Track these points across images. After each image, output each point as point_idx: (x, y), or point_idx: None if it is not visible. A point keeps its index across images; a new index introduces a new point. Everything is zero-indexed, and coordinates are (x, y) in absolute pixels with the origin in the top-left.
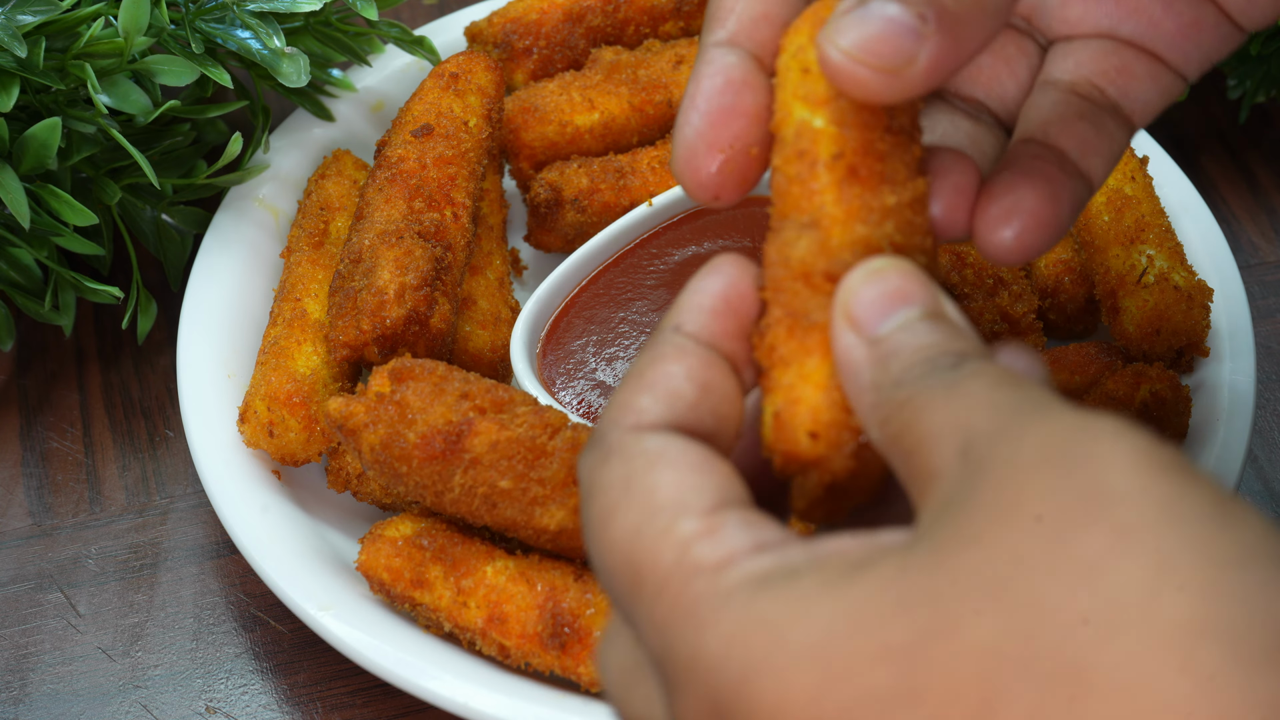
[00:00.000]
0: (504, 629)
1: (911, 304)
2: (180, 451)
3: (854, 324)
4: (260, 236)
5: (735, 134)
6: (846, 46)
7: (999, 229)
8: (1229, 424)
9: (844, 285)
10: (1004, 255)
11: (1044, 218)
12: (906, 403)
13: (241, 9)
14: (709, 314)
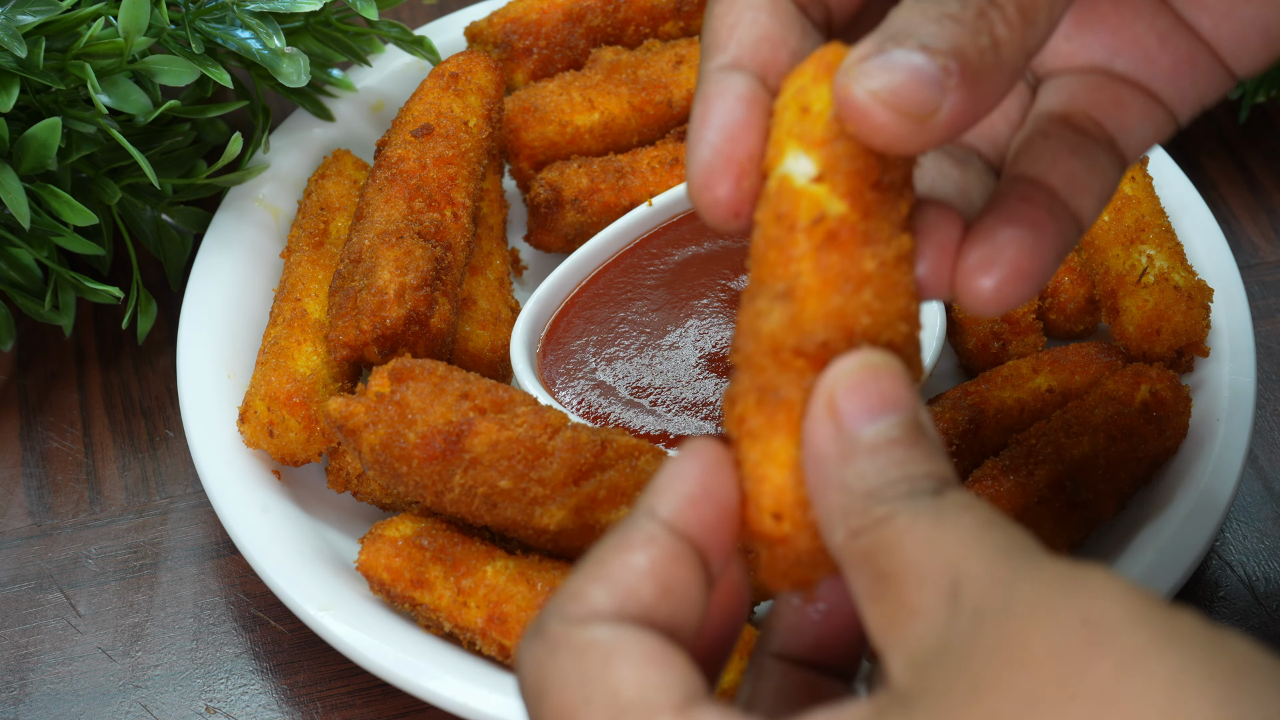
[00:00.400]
0: (504, 629)
1: (896, 412)
2: (180, 451)
3: (835, 417)
4: (260, 236)
5: (750, 151)
6: (875, 88)
7: (977, 278)
8: (1229, 424)
9: (832, 373)
10: (981, 306)
11: (1025, 268)
12: (885, 522)
13: (241, 9)
14: (685, 500)
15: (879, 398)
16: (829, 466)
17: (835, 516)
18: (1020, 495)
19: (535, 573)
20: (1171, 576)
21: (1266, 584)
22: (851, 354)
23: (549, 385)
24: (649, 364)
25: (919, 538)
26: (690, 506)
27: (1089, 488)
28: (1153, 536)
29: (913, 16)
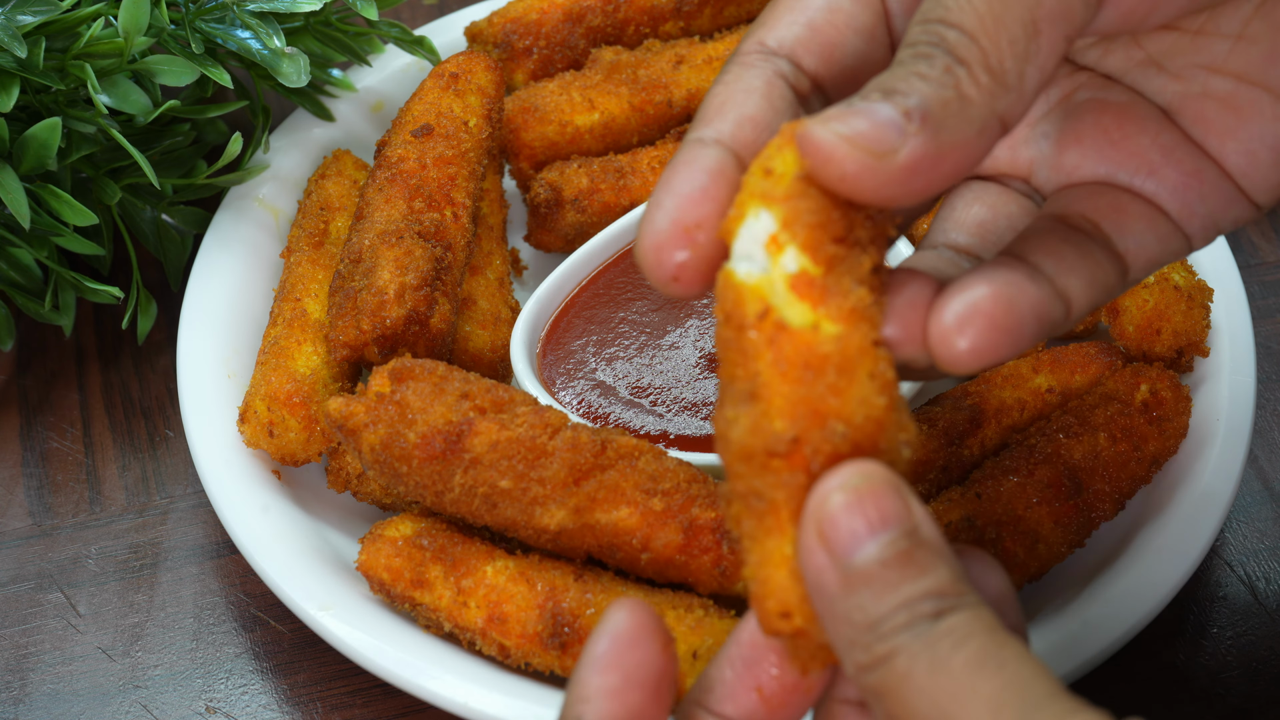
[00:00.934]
0: (504, 629)
1: (887, 529)
2: (180, 451)
3: (827, 544)
4: (260, 236)
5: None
6: (834, 127)
7: (954, 335)
8: (1229, 424)
9: (817, 496)
10: (956, 362)
11: (1001, 322)
12: (887, 660)
13: (241, 9)
14: (609, 697)
15: (866, 520)
16: (829, 598)
17: (844, 649)
18: (1020, 495)
19: (535, 573)
20: (1171, 576)
21: (1266, 584)
22: (834, 473)
23: (549, 385)
24: (649, 364)
25: (917, 686)
26: (615, 701)
27: (1089, 488)
28: (1153, 536)
29: (883, 79)
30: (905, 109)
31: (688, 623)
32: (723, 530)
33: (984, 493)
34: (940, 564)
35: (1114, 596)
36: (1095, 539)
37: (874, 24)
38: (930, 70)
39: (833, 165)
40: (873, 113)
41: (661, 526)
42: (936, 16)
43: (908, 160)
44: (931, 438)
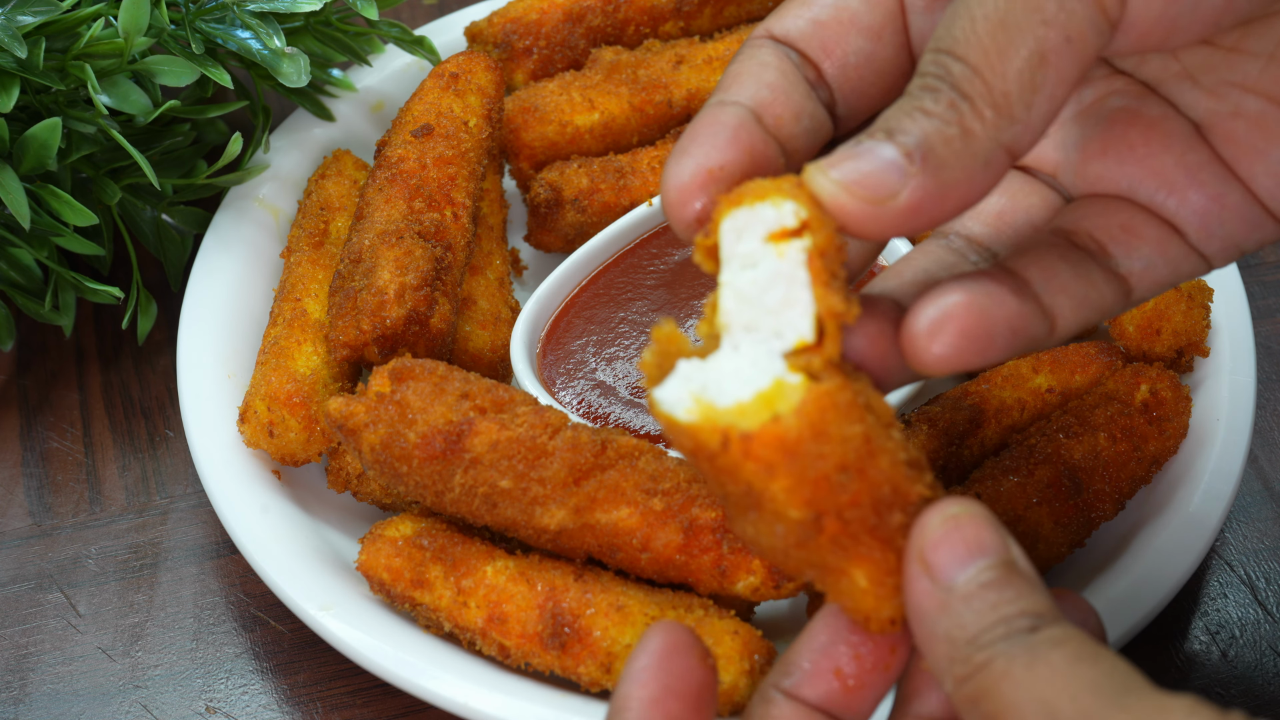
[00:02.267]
0: (504, 629)
1: (985, 555)
2: (180, 451)
3: (929, 570)
4: (260, 236)
5: (725, 162)
6: (836, 176)
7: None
8: (1229, 424)
9: (920, 529)
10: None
11: (972, 330)
12: (985, 666)
13: (242, 9)
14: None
15: (965, 546)
16: (930, 620)
17: (943, 667)
18: (1020, 495)
19: (535, 573)
20: (1171, 576)
21: (1266, 584)
22: (934, 508)
23: (549, 385)
24: None
25: (1015, 680)
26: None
27: (1089, 488)
28: (1153, 536)
29: (890, 113)
30: (907, 150)
31: (688, 623)
32: (723, 530)
33: (984, 493)
34: (1035, 591)
35: (1114, 596)
36: (1095, 539)
37: (883, 23)
38: (934, 106)
39: (837, 212)
40: (874, 154)
41: (661, 526)
42: (945, 46)
43: (909, 202)
44: (931, 438)
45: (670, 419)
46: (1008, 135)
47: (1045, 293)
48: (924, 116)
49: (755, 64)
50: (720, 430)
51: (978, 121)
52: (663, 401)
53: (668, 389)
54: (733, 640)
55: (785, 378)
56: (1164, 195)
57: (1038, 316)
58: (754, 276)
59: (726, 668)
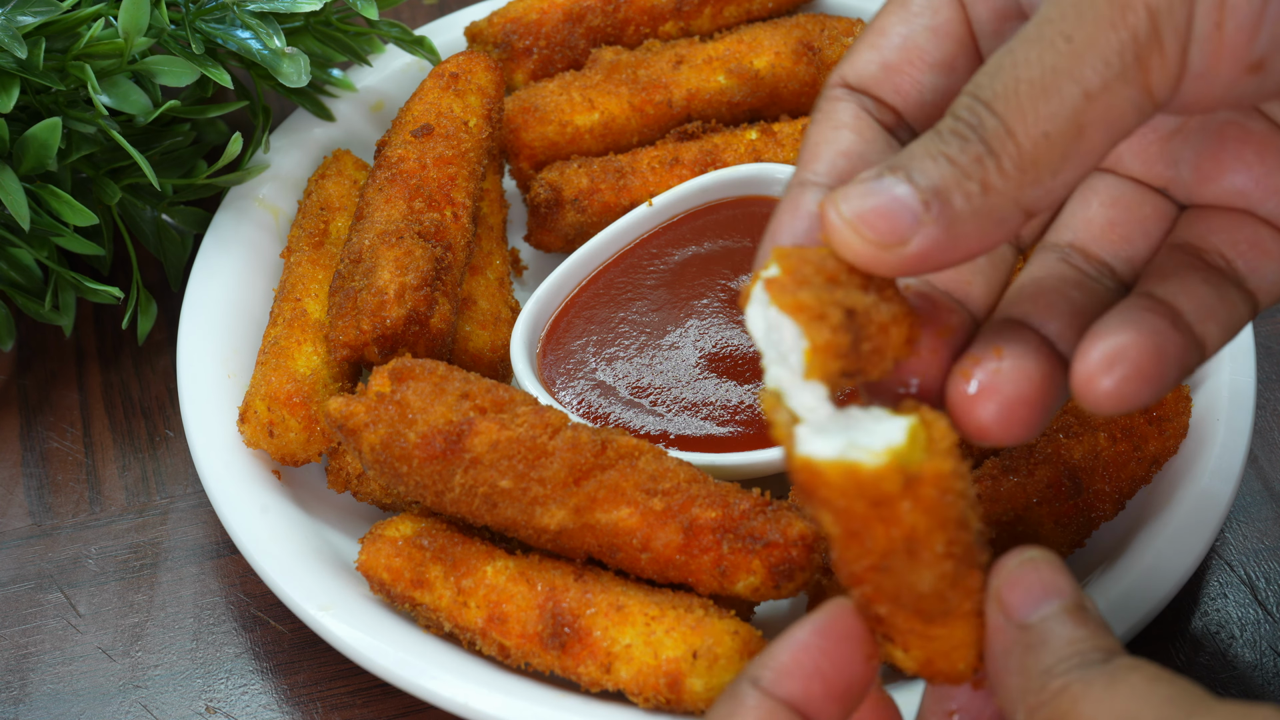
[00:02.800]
0: (504, 629)
1: (1059, 596)
2: (180, 451)
3: (1005, 608)
4: (260, 236)
5: None
6: (846, 213)
7: (1099, 377)
8: (1229, 424)
9: (998, 571)
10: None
11: (1147, 370)
12: (1062, 692)
13: (242, 9)
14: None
15: (1040, 586)
16: (1004, 654)
17: (1015, 698)
18: (1020, 495)
19: (535, 573)
20: (1171, 576)
21: (1266, 584)
22: (1011, 553)
23: (549, 385)
24: (649, 364)
25: (1093, 699)
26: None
27: (1089, 488)
28: (1153, 536)
29: (916, 149)
30: (924, 197)
31: (688, 623)
32: (723, 530)
33: (984, 493)
34: (1105, 632)
35: (1114, 597)
36: (1095, 539)
37: (954, 55)
38: (960, 155)
39: (844, 250)
40: (890, 195)
41: (661, 526)
42: (985, 97)
43: (917, 251)
44: None
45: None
46: (1029, 197)
47: (1197, 321)
48: (947, 163)
49: (830, 129)
50: (902, 471)
51: (1000, 179)
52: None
53: (817, 445)
54: (733, 640)
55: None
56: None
57: (1194, 347)
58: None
59: (726, 668)
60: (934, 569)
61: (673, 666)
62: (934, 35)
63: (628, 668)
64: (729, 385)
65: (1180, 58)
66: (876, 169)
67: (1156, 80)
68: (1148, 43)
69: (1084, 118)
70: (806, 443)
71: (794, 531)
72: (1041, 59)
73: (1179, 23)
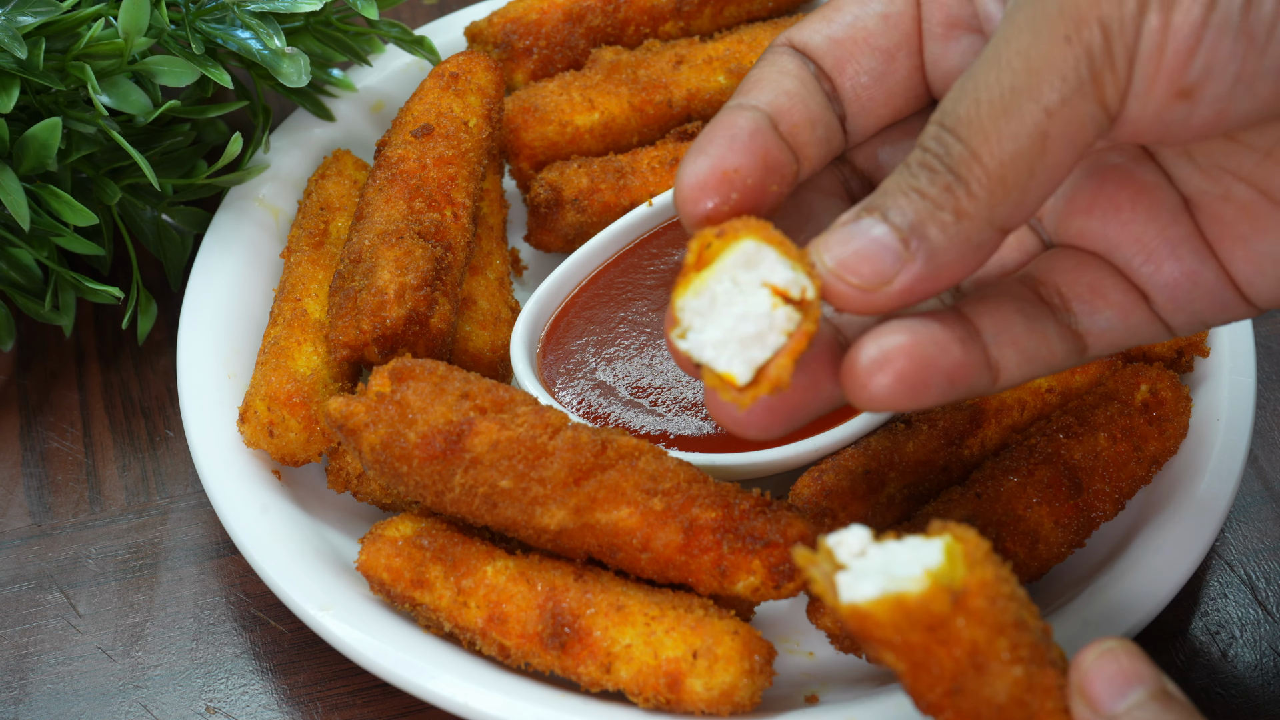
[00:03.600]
0: (504, 629)
1: (1143, 684)
2: (180, 451)
3: (1091, 702)
4: (260, 236)
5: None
6: (829, 261)
7: (867, 376)
8: (1229, 424)
9: (1077, 665)
10: (862, 402)
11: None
12: None
13: (242, 9)
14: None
15: (1122, 675)
16: None
17: None
18: (1020, 495)
19: (535, 573)
20: (1172, 576)
21: (1266, 584)
22: (1089, 646)
23: (549, 385)
24: (649, 364)
25: None
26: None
27: (1089, 488)
28: (1153, 536)
29: (889, 186)
30: (902, 235)
31: (688, 623)
32: (723, 530)
33: (984, 493)
34: (1193, 712)
35: (1114, 596)
36: (1095, 539)
37: (897, 46)
38: (930, 187)
39: (832, 297)
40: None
41: (661, 526)
42: (949, 124)
43: (902, 288)
44: (931, 438)
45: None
46: (1000, 216)
47: (994, 344)
48: (919, 197)
49: (775, 70)
50: (948, 589)
51: (972, 204)
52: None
53: (858, 589)
54: (733, 640)
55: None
56: (1140, 261)
57: (981, 367)
58: (739, 301)
59: (726, 668)
60: (1005, 677)
61: (673, 666)
62: (884, 22)
63: (628, 668)
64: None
65: (1127, 74)
66: (854, 211)
67: (1109, 95)
68: (1101, 57)
69: (1046, 133)
70: (849, 590)
71: (794, 531)
72: (1000, 80)
73: (1128, 39)
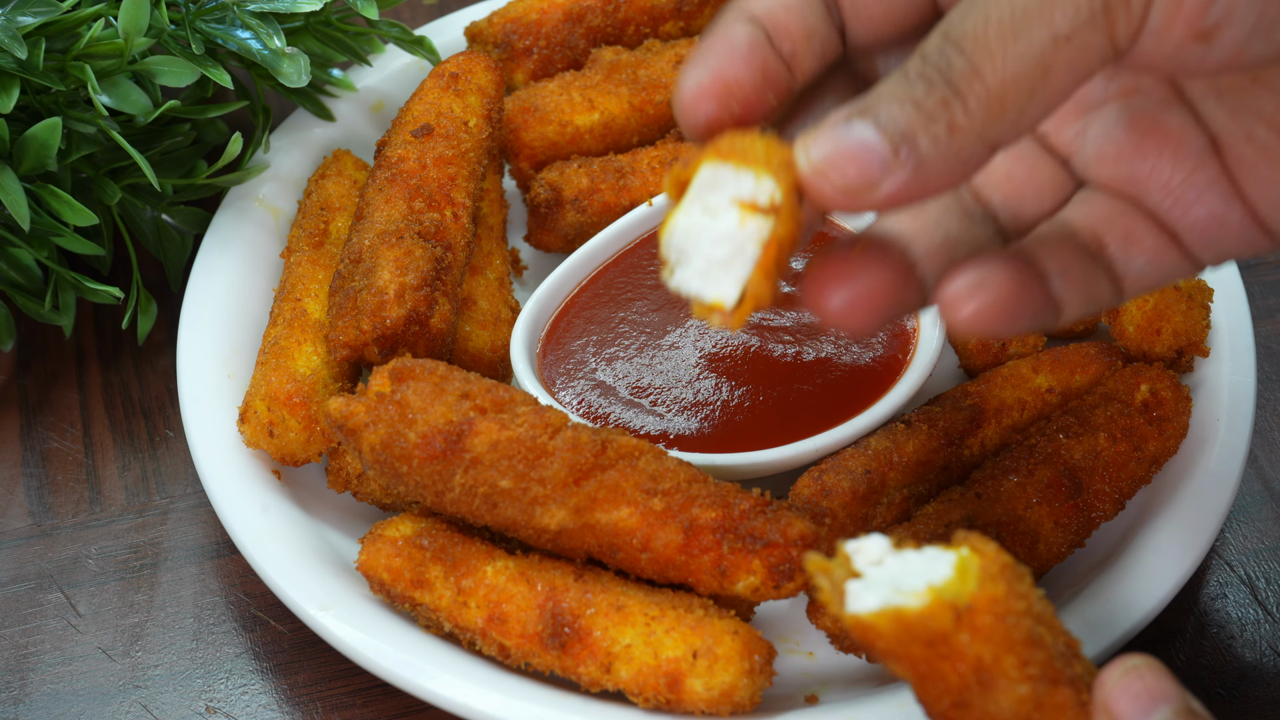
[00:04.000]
0: (504, 629)
1: (1168, 701)
2: (180, 451)
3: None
4: (260, 236)
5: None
6: (815, 158)
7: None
8: (1229, 424)
9: (1102, 683)
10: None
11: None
12: None
13: (242, 9)
14: None
15: (1147, 693)
16: None
17: None
18: (1020, 495)
19: (535, 573)
20: (1171, 576)
21: (1266, 584)
22: (1114, 662)
23: (549, 385)
24: (649, 364)
25: None
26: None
27: (1089, 488)
28: (1153, 536)
29: (884, 91)
30: (893, 142)
31: (688, 623)
32: (723, 530)
33: (984, 493)
34: None
35: (1114, 596)
36: (1095, 539)
37: None
38: (927, 99)
39: (814, 195)
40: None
41: (661, 526)
42: (954, 36)
43: (887, 194)
44: (931, 438)
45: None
46: (993, 134)
47: (1058, 286)
48: (914, 108)
49: None
50: (950, 606)
51: (966, 119)
52: (870, 608)
53: (863, 600)
54: (733, 640)
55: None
56: (1168, 205)
57: (1050, 305)
58: (711, 226)
59: (726, 668)
60: (1011, 694)
61: (673, 666)
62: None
63: (628, 668)
64: (729, 385)
65: (1143, 12)
66: (845, 111)
67: (1120, 31)
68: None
69: (1051, 60)
70: (855, 600)
71: (794, 531)
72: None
73: None
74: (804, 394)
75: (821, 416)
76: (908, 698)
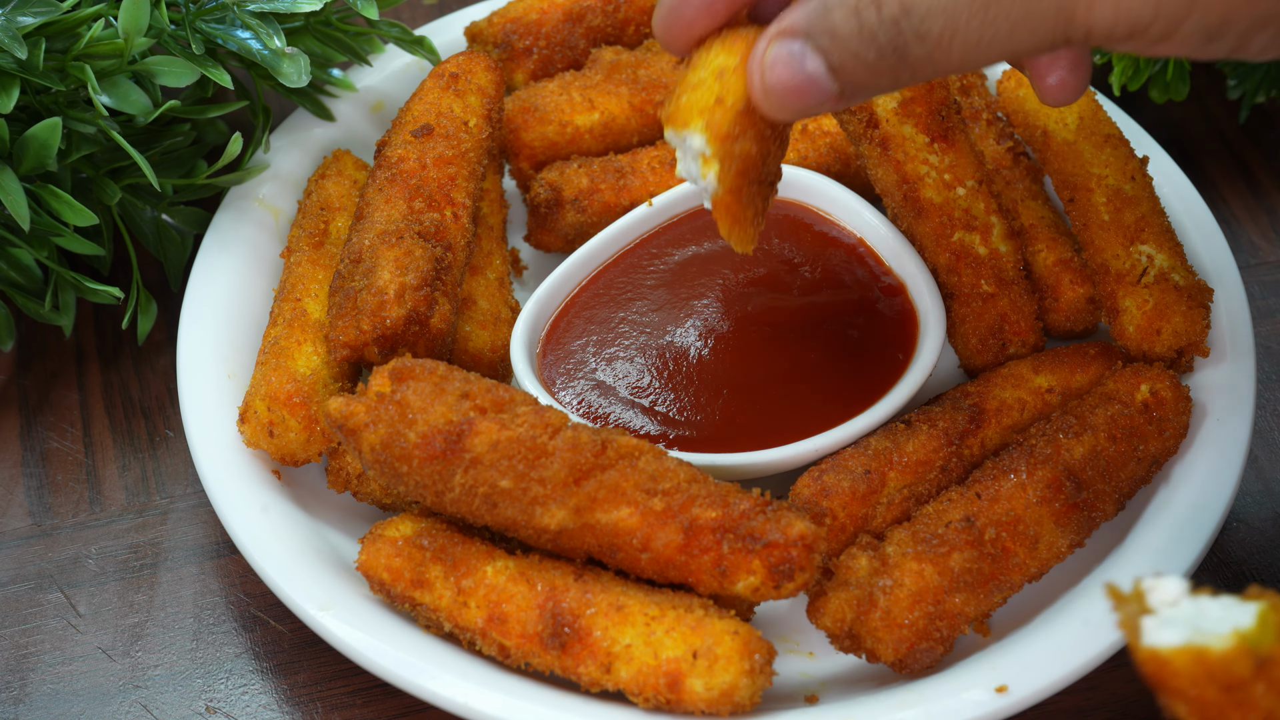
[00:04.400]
0: (504, 629)
1: None
2: (180, 451)
3: None
4: (260, 236)
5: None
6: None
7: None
8: (1229, 424)
9: None
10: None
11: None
12: None
13: (242, 9)
14: None
15: None
16: None
17: None
18: (1020, 495)
19: (535, 573)
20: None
21: (1266, 584)
22: None
23: (549, 385)
24: (649, 364)
25: None
26: None
27: (1089, 488)
28: (1153, 536)
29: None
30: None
31: (688, 623)
32: (723, 530)
33: (984, 493)
34: None
35: None
36: (1095, 539)
37: None
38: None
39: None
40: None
41: (661, 526)
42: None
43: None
44: (932, 438)
45: (1195, 652)
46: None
47: None
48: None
49: None
50: (1253, 653)
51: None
52: (1170, 644)
53: (1162, 635)
54: (733, 640)
55: (1265, 607)
56: None
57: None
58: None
59: (726, 668)
60: None
61: (673, 666)
62: None
63: (628, 668)
64: (729, 385)
65: None
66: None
67: None
68: None
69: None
70: (1152, 634)
71: (794, 531)
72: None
73: None
74: (804, 394)
75: (821, 416)
76: (908, 698)
